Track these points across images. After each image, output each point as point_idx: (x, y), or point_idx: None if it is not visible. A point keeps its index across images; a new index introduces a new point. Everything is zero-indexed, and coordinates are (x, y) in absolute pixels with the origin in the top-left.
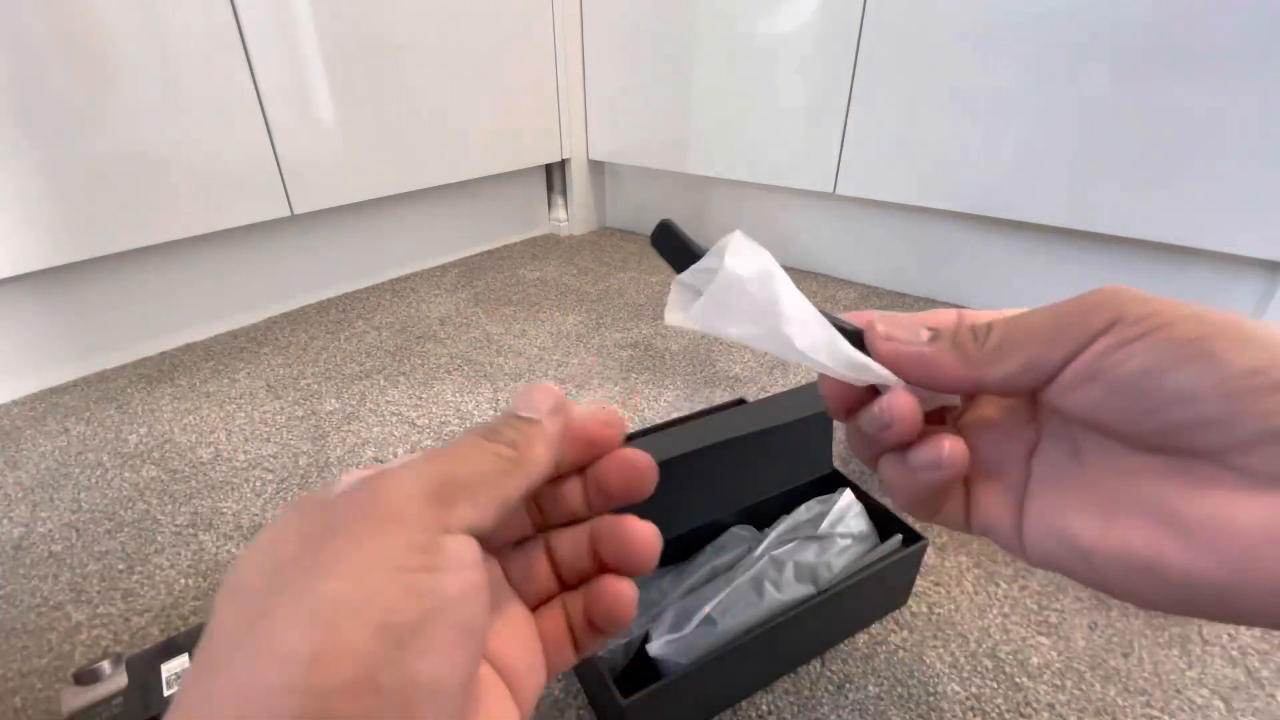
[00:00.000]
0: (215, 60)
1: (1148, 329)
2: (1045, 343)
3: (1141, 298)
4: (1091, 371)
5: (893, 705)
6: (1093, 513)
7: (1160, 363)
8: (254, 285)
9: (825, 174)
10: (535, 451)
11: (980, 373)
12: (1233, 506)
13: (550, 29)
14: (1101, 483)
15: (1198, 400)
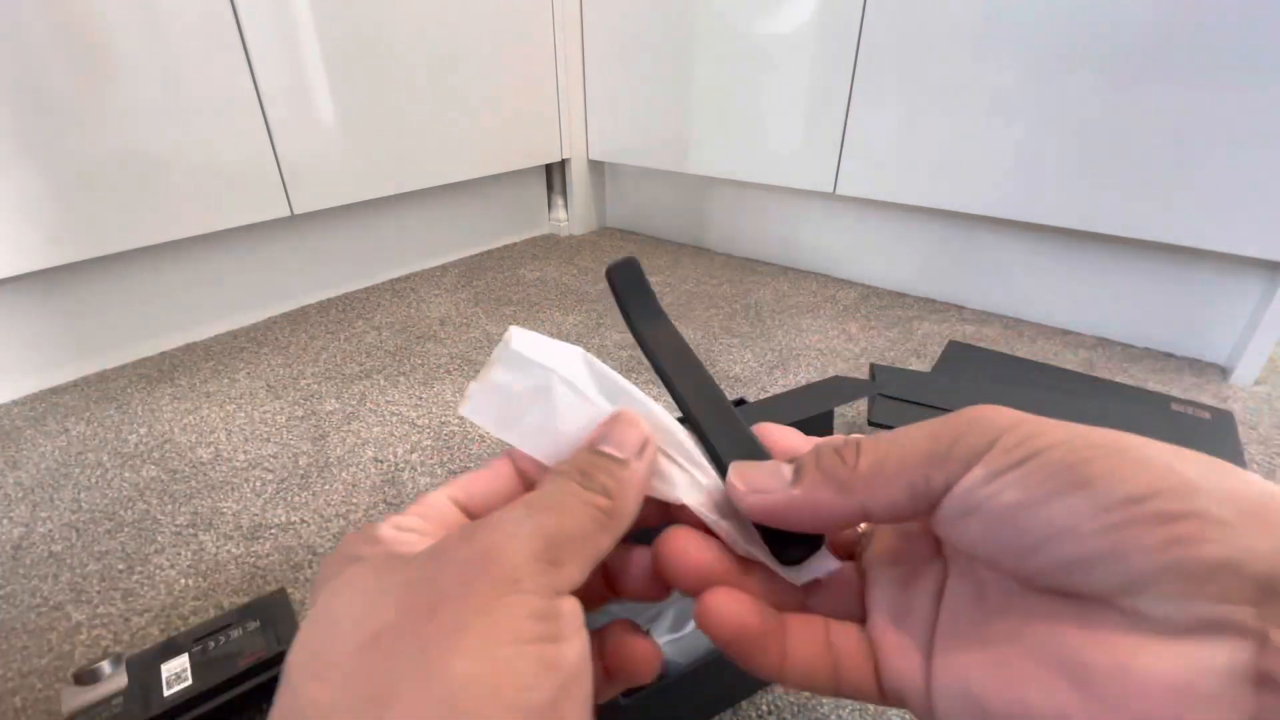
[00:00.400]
0: (215, 60)
1: (1022, 456)
2: (925, 466)
3: (1019, 419)
4: (966, 505)
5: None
6: (991, 664)
7: (1033, 494)
8: (254, 285)
9: (825, 174)
10: (628, 503)
11: (862, 500)
12: (1136, 658)
13: (550, 29)
14: (999, 628)
15: (1076, 535)
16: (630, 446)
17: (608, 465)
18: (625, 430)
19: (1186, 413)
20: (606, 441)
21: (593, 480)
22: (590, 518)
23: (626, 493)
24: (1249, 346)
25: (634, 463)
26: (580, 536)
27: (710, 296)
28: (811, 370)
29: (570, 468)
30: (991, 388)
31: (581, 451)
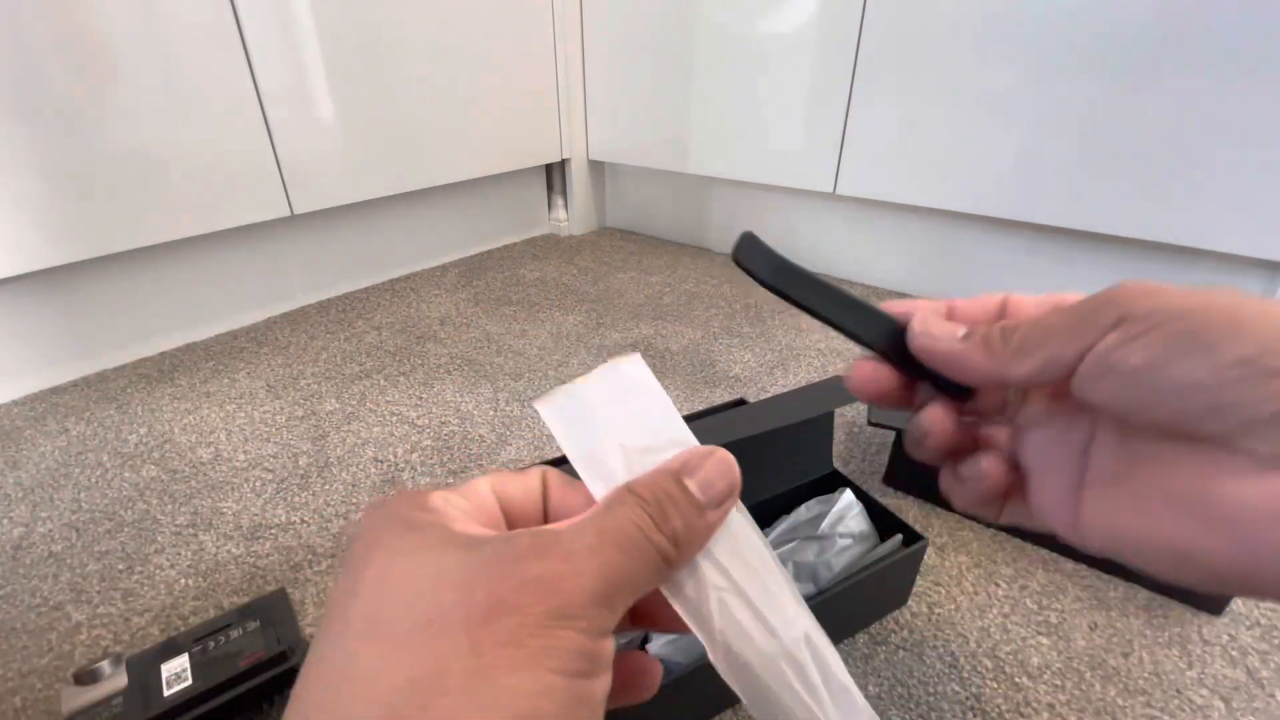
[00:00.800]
0: (215, 60)
1: (1149, 325)
2: (1060, 341)
3: (1148, 292)
4: (1100, 368)
5: (893, 705)
6: (1132, 503)
7: (1158, 358)
8: (254, 285)
9: (825, 174)
10: (687, 557)
11: (1004, 369)
12: (1242, 488)
13: (550, 29)
14: (1139, 473)
15: (1197, 390)
16: (715, 492)
17: (686, 507)
18: (717, 470)
19: None
20: (693, 474)
21: (667, 521)
22: (652, 564)
23: (690, 546)
24: None
25: (710, 513)
26: (638, 583)
27: (710, 296)
28: (811, 370)
29: (649, 494)
30: None
31: (663, 474)
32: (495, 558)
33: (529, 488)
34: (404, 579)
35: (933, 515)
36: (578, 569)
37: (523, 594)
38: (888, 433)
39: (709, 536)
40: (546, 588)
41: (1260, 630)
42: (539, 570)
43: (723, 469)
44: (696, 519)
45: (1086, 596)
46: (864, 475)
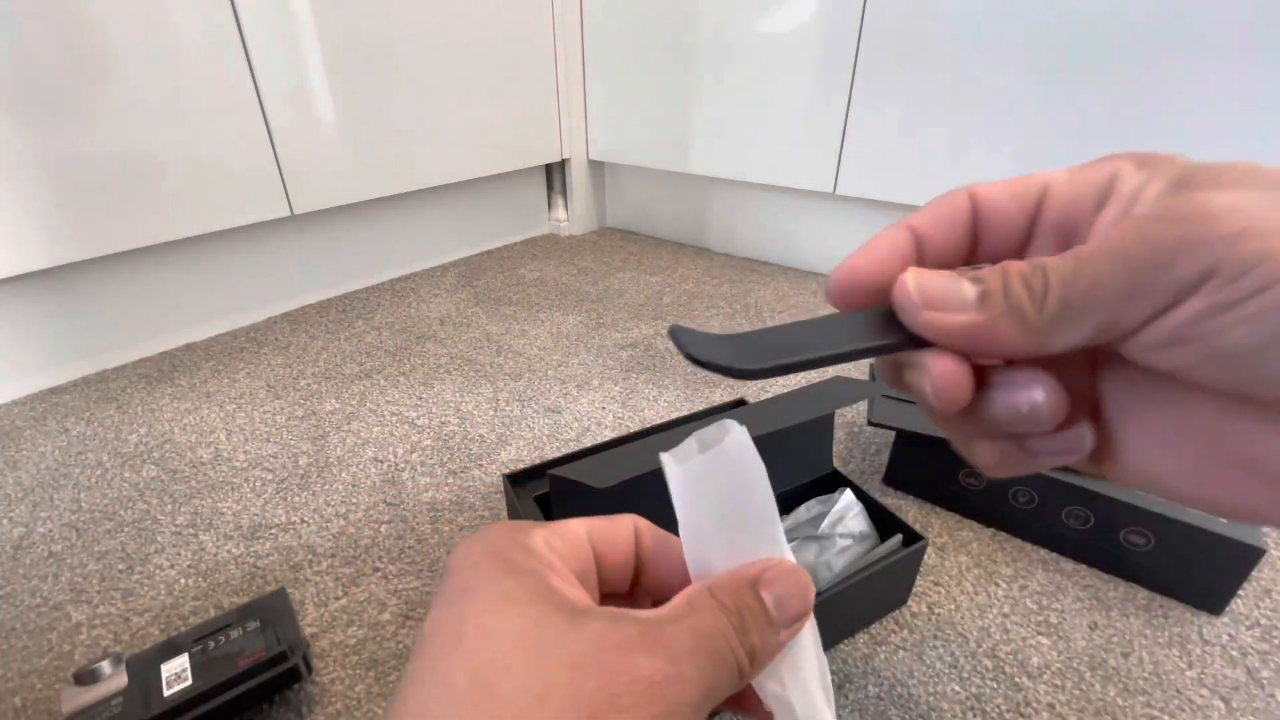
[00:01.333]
0: (215, 60)
1: (1251, 290)
2: (1119, 302)
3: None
4: (1178, 337)
5: (893, 705)
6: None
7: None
8: (254, 285)
9: (825, 174)
10: (760, 666)
11: (1043, 342)
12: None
13: (550, 29)
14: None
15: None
16: (790, 613)
17: (763, 624)
18: (793, 589)
19: None
20: (769, 588)
21: (746, 635)
22: (731, 675)
23: (760, 662)
24: None
25: (782, 633)
26: (720, 692)
27: (710, 296)
28: (811, 370)
29: (730, 602)
30: None
31: (742, 582)
32: (605, 643)
33: (622, 537)
34: (511, 643)
35: (933, 515)
36: (683, 675)
37: (633, 693)
38: (888, 433)
39: (778, 653)
40: (655, 691)
41: (1260, 630)
42: (648, 671)
43: (799, 589)
44: (771, 636)
45: (1086, 596)
46: (864, 475)
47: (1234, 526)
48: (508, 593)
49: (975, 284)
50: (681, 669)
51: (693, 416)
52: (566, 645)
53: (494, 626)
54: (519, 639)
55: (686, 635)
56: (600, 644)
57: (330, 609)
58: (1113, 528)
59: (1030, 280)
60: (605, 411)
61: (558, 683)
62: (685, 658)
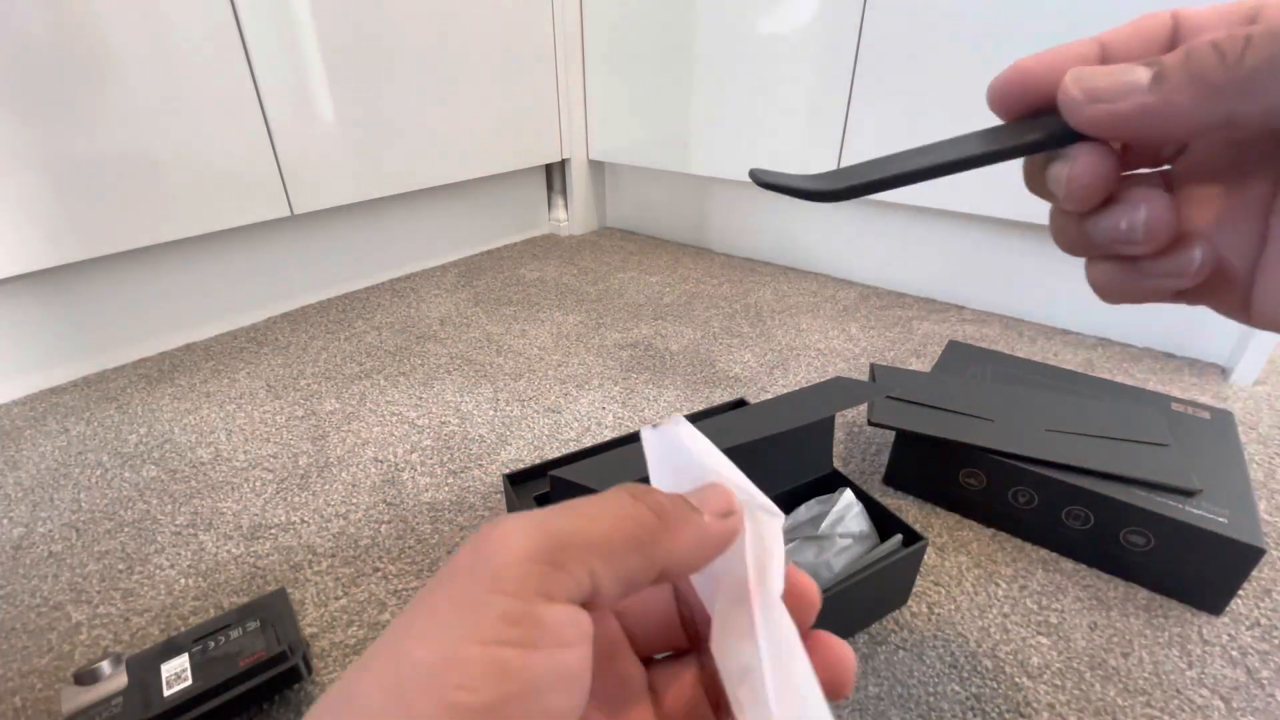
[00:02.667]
0: (215, 60)
1: None
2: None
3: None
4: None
5: (893, 705)
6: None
7: None
8: (254, 285)
9: None
10: (682, 534)
11: (1232, 107)
12: None
13: (550, 29)
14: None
15: None
16: (710, 507)
17: (677, 499)
18: (711, 493)
19: (1186, 413)
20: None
21: (649, 495)
22: (624, 530)
23: (683, 527)
24: (1249, 346)
25: (707, 517)
26: (602, 543)
27: (710, 296)
28: (811, 370)
29: (634, 484)
30: (992, 388)
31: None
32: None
33: None
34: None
35: (933, 515)
36: (507, 532)
37: (456, 567)
38: (888, 433)
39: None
40: (472, 557)
41: (1260, 630)
42: (476, 542)
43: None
44: (688, 511)
45: (1086, 596)
46: (864, 475)
47: (1234, 527)
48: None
49: (1150, 66)
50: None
51: (693, 416)
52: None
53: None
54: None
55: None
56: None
57: (330, 609)
58: (1113, 528)
59: (1223, 45)
60: (605, 411)
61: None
62: (520, 521)
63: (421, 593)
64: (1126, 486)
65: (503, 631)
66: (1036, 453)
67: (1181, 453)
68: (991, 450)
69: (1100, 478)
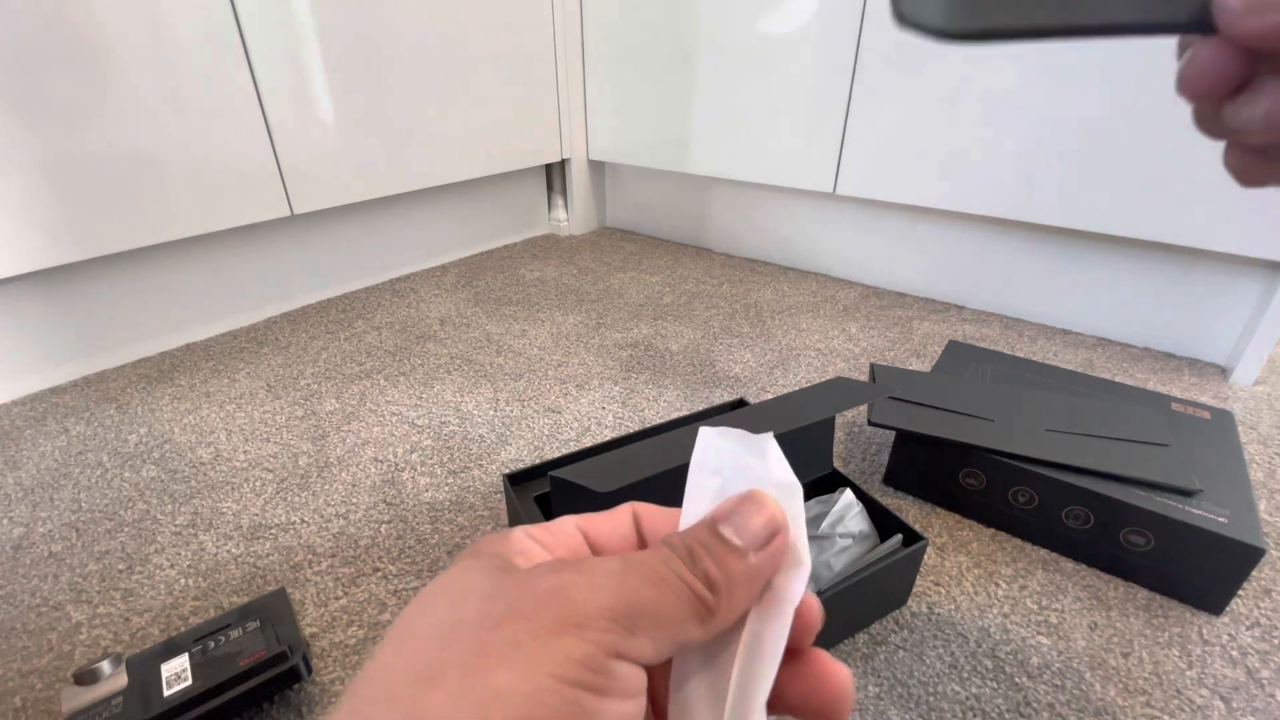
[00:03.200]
0: (215, 60)
1: None
2: None
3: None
4: None
5: (893, 705)
6: None
7: None
8: (254, 285)
9: (825, 174)
10: (732, 601)
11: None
12: None
13: (550, 29)
14: None
15: None
16: (752, 535)
17: (720, 552)
18: (756, 518)
19: (1186, 413)
20: (727, 523)
21: (698, 565)
22: (686, 605)
23: (734, 593)
24: (1249, 346)
25: (752, 556)
26: (667, 620)
27: (710, 296)
28: (811, 370)
29: (679, 540)
30: (991, 388)
31: (698, 527)
32: (523, 576)
33: (620, 523)
34: (442, 596)
35: (933, 515)
36: (593, 583)
37: (534, 602)
38: (888, 433)
39: (757, 582)
40: (558, 595)
41: (1260, 630)
42: (555, 582)
43: (755, 507)
44: (735, 563)
45: (1086, 596)
46: (864, 475)
47: (1234, 526)
48: (460, 570)
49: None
50: (594, 579)
51: (693, 416)
52: (490, 586)
53: (435, 592)
54: (450, 594)
55: (615, 561)
56: (522, 575)
57: (330, 609)
58: (1113, 528)
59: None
60: (605, 411)
61: (468, 613)
62: (603, 574)
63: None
64: (1126, 486)
65: (583, 675)
66: (1036, 453)
67: (1181, 453)
68: (991, 450)
69: (1100, 478)
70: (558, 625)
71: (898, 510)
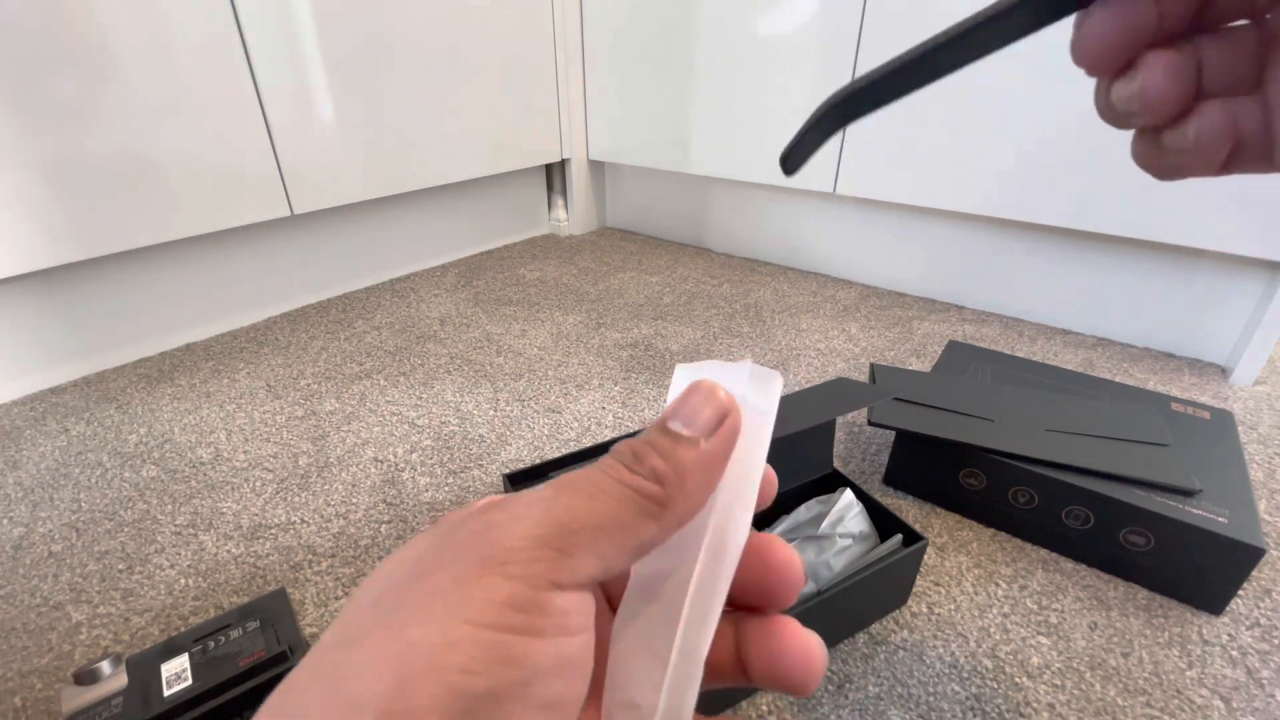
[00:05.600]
0: (215, 60)
1: None
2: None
3: None
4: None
5: (893, 705)
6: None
7: None
8: (254, 285)
9: (825, 174)
10: (686, 491)
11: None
12: None
13: (550, 29)
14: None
15: None
16: (701, 423)
17: (666, 443)
18: (700, 400)
19: (1186, 413)
20: (675, 417)
21: (643, 462)
22: (630, 506)
23: (686, 480)
24: (1249, 346)
25: (703, 442)
26: (610, 525)
27: (710, 296)
28: (811, 370)
29: (626, 448)
30: (992, 388)
31: (647, 430)
32: (454, 527)
33: None
34: (389, 563)
35: (933, 515)
36: (516, 513)
37: (457, 548)
38: (888, 433)
39: (714, 469)
40: (480, 536)
41: (1260, 630)
42: (479, 524)
43: (703, 397)
44: (686, 451)
45: (1086, 596)
46: (864, 475)
47: (1234, 527)
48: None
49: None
50: (516, 511)
51: None
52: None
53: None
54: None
55: (547, 488)
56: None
57: (330, 609)
58: (1113, 528)
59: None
60: (605, 411)
61: (402, 573)
62: (525, 504)
63: (412, 563)
64: (1126, 486)
65: (508, 617)
66: (1036, 453)
67: (1181, 453)
68: (991, 450)
69: (1100, 478)
70: (479, 567)
71: (898, 510)
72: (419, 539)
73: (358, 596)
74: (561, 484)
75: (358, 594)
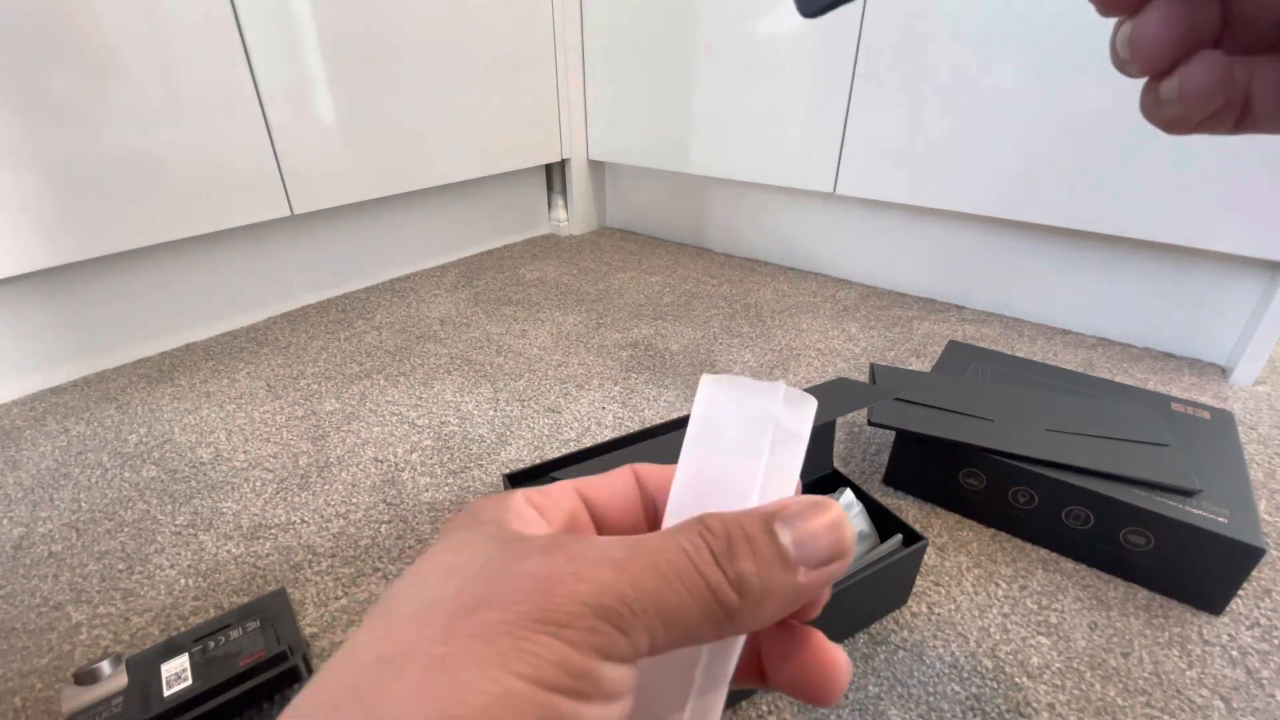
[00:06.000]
0: (215, 60)
1: None
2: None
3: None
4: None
5: (893, 705)
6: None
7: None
8: (254, 285)
9: (825, 174)
10: (759, 614)
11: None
12: None
13: (550, 29)
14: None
15: None
16: (813, 553)
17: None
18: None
19: (1186, 413)
20: (787, 525)
21: (734, 563)
22: (700, 603)
23: (766, 602)
24: (1249, 346)
25: (802, 574)
26: (671, 616)
27: (710, 296)
28: (811, 370)
29: (720, 528)
30: (992, 388)
31: (752, 514)
32: (509, 555)
33: (621, 483)
34: (430, 571)
35: (933, 515)
36: (580, 574)
37: (513, 589)
38: (888, 433)
39: (798, 600)
40: (538, 586)
41: (1260, 630)
42: (538, 566)
43: (828, 525)
44: (781, 574)
45: (1086, 596)
46: (864, 475)
47: (1234, 527)
48: (457, 540)
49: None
50: (582, 569)
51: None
52: (476, 562)
53: (427, 562)
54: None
55: (618, 548)
56: (508, 552)
57: (330, 609)
58: (1113, 528)
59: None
60: (605, 411)
61: (447, 590)
62: (598, 562)
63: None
64: (1126, 486)
65: (560, 679)
66: (1036, 453)
67: (1181, 453)
68: (991, 450)
69: (1100, 478)
70: (534, 621)
71: (898, 510)
72: (459, 540)
73: (397, 600)
74: (638, 549)
75: (397, 595)
